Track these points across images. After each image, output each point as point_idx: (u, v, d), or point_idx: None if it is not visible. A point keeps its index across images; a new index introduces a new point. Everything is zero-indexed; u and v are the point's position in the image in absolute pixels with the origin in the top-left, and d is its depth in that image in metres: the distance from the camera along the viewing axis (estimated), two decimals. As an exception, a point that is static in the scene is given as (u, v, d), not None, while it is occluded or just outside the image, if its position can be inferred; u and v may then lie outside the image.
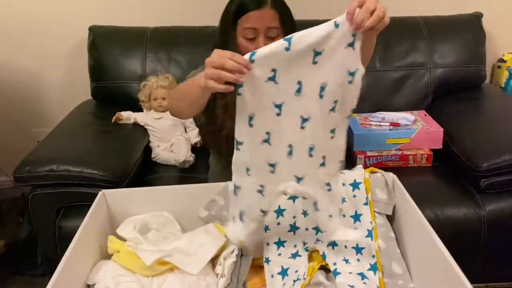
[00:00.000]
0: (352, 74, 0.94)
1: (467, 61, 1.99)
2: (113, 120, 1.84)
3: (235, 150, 0.94)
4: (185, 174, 1.75)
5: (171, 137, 1.88)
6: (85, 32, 2.04)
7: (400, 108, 1.95)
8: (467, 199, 1.53)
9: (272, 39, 1.20)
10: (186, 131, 1.94)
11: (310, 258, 1.03)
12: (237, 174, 0.96)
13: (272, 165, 0.95)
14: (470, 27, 2.04)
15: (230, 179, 1.08)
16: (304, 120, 0.92)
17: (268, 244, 1.04)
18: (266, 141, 0.93)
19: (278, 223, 1.01)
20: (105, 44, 2.01)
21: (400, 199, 1.07)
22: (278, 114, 0.91)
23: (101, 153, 1.62)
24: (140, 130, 1.87)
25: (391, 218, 1.09)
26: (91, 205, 1.06)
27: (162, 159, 1.83)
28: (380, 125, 1.80)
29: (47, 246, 1.57)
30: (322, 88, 0.91)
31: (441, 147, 1.74)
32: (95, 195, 1.10)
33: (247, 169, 0.95)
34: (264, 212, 0.99)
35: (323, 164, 0.98)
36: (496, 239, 1.50)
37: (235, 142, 0.93)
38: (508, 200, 1.50)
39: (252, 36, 1.21)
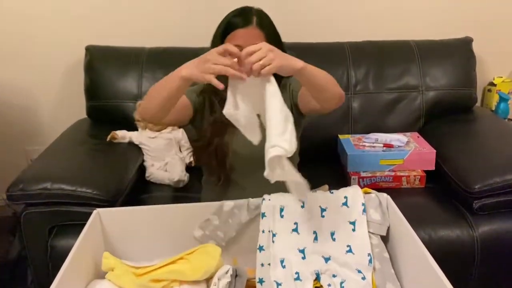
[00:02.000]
0: (352, 223, 1.06)
1: (459, 84, 2.02)
2: (108, 139, 1.84)
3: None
4: (180, 194, 1.75)
5: (166, 156, 1.88)
6: (82, 52, 2.05)
7: (393, 129, 1.97)
8: (460, 220, 1.53)
9: None
10: (180, 151, 1.94)
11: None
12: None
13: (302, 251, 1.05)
14: (461, 51, 2.08)
15: (222, 196, 1.09)
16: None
17: (262, 265, 1.04)
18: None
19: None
20: (101, 63, 2.03)
21: (394, 219, 1.08)
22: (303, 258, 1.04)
23: (95, 172, 1.61)
24: (135, 149, 1.87)
25: (385, 239, 1.09)
26: (84, 224, 1.05)
27: (156, 178, 1.83)
28: (374, 146, 1.82)
29: (38, 266, 1.55)
30: (332, 234, 1.06)
31: (433, 168, 1.75)
32: (89, 214, 1.09)
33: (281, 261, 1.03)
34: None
35: (350, 251, 1.03)
36: (489, 260, 1.50)
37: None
38: (501, 221, 1.51)
39: None
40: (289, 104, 1.34)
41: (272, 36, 1.27)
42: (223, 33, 1.28)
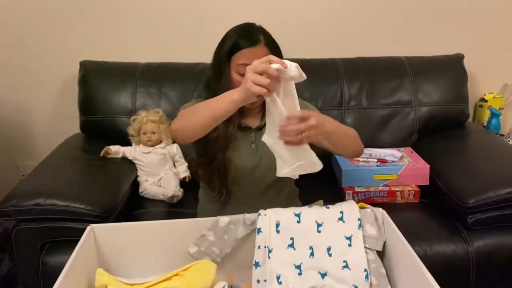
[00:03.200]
0: (348, 238, 1.06)
1: (451, 100, 2.04)
2: (101, 154, 1.83)
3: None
4: (174, 209, 1.74)
5: (160, 172, 1.87)
6: (76, 67, 2.05)
7: (387, 144, 1.98)
8: (455, 235, 1.54)
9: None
10: (175, 166, 1.93)
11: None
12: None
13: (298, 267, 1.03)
14: (452, 68, 2.11)
15: (220, 213, 1.08)
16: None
17: (258, 281, 1.03)
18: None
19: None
20: (95, 78, 2.03)
21: (390, 234, 1.07)
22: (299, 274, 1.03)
23: (89, 187, 1.60)
24: (128, 165, 1.86)
25: (381, 254, 1.09)
26: (77, 240, 1.04)
27: (150, 193, 1.82)
28: (368, 161, 1.82)
29: (29, 283, 1.51)
30: (328, 249, 1.05)
31: (428, 183, 1.76)
32: (82, 230, 1.08)
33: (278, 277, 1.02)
34: None
35: (346, 267, 1.02)
36: (484, 275, 1.50)
37: None
38: (496, 236, 1.52)
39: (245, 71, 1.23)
40: None
41: (276, 53, 1.27)
42: (229, 52, 1.27)
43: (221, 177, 1.16)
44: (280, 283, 1.00)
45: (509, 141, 2.27)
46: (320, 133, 1.07)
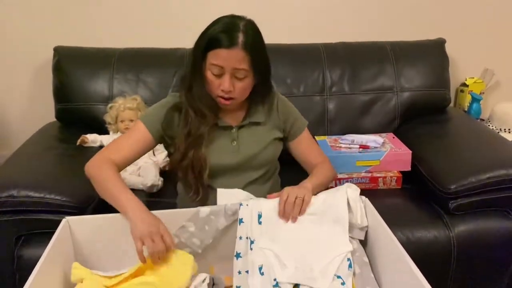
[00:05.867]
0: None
1: (432, 85, 2.04)
2: (78, 143, 1.78)
3: None
4: (153, 199, 1.70)
5: (139, 161, 1.82)
6: (50, 53, 1.98)
7: (369, 130, 1.97)
8: (437, 221, 1.54)
9: (239, 79, 1.18)
10: (154, 154, 1.89)
11: None
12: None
13: None
14: (434, 53, 2.10)
15: (199, 205, 1.06)
16: None
17: (239, 272, 1.01)
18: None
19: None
20: (70, 65, 1.96)
21: (373, 222, 1.07)
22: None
23: (65, 178, 1.55)
24: (107, 153, 1.82)
25: (363, 242, 1.08)
26: (53, 232, 1.01)
27: (129, 183, 1.77)
28: (350, 148, 1.81)
29: (4, 277, 1.47)
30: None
31: (409, 169, 1.76)
32: (58, 222, 1.05)
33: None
34: None
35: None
36: (465, 260, 1.51)
37: None
38: (477, 221, 1.52)
39: (218, 72, 1.17)
40: (280, 132, 1.36)
41: (257, 58, 1.18)
42: (205, 47, 1.17)
43: (196, 176, 1.13)
44: (262, 274, 0.98)
45: (489, 125, 2.28)
46: (308, 196, 1.11)
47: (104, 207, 1.54)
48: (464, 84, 2.34)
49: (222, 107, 1.25)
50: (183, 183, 1.31)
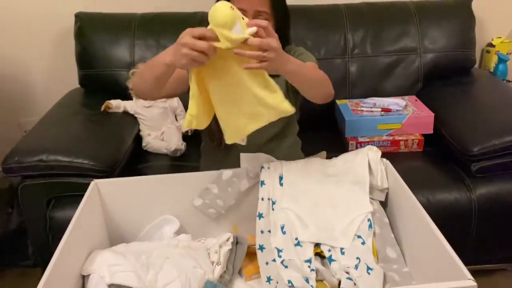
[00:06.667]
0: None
1: (457, 46, 1.99)
2: (102, 109, 1.81)
3: None
4: (177, 163, 1.74)
5: (162, 126, 1.86)
6: (71, 19, 1.99)
7: (391, 93, 1.95)
8: (458, 183, 1.54)
9: None
10: (177, 119, 1.92)
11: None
12: None
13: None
14: (459, 12, 2.03)
15: (223, 162, 1.07)
16: None
17: (262, 232, 1.04)
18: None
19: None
20: (92, 31, 1.97)
21: (393, 184, 1.08)
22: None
23: (91, 143, 1.60)
24: (130, 119, 1.85)
25: (384, 204, 1.09)
26: (82, 195, 1.05)
27: (153, 147, 1.82)
28: (372, 111, 1.80)
29: (38, 237, 1.55)
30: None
31: (432, 132, 1.75)
32: (86, 185, 1.08)
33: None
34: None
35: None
36: (486, 222, 1.52)
37: None
38: (499, 184, 1.52)
39: None
40: (284, 87, 1.31)
41: (277, 2, 1.21)
42: None
43: (218, 125, 1.14)
44: (284, 233, 1.01)
45: (515, 87, 2.23)
46: (279, 61, 0.97)
47: (129, 171, 1.60)
48: (491, 44, 2.27)
49: None
50: (208, 132, 1.33)
